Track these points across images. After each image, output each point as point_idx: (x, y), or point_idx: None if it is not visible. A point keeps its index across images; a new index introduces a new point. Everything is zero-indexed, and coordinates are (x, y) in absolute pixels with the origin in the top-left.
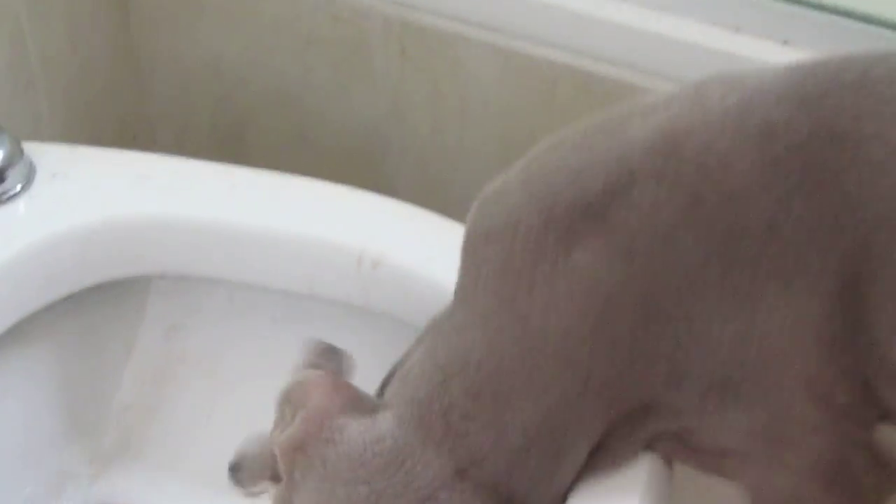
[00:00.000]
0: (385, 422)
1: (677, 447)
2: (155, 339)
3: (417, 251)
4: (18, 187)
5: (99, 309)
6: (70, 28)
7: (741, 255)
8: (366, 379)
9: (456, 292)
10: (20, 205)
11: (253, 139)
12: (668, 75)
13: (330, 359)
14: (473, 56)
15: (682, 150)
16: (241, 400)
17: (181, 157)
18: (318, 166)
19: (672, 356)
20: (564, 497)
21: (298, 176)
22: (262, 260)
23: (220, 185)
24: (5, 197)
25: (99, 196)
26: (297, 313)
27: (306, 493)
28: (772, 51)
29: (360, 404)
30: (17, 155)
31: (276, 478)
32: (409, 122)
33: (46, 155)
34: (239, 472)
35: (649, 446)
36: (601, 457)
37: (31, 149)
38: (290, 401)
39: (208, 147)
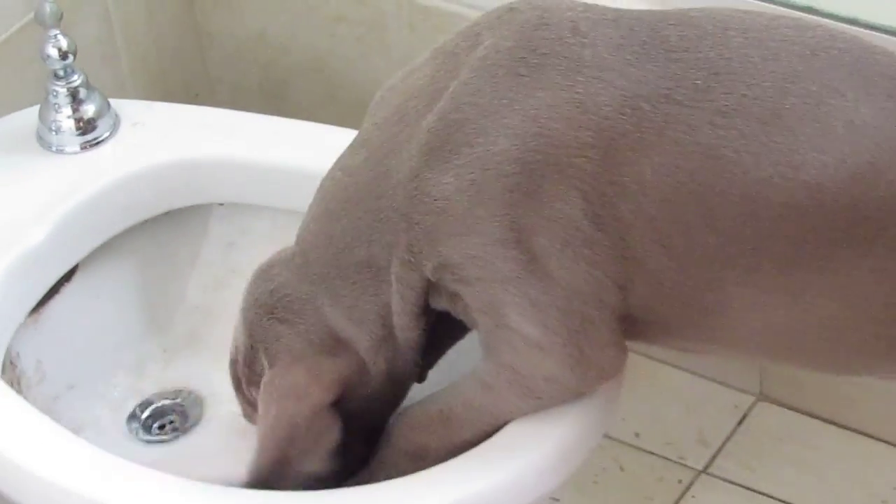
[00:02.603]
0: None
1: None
2: (214, 255)
3: None
4: (107, 134)
5: (170, 230)
6: (147, 10)
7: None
8: None
9: None
10: (108, 148)
11: (292, 97)
12: None
13: None
14: None
15: (513, 4)
16: None
17: (235, 110)
18: (343, 119)
19: None
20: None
21: (328, 126)
22: (299, 191)
23: (266, 132)
24: (96, 142)
25: (170, 141)
26: None
27: None
28: None
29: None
30: (105, 109)
31: None
32: None
33: (128, 109)
34: None
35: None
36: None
37: (116, 104)
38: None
39: (257, 103)
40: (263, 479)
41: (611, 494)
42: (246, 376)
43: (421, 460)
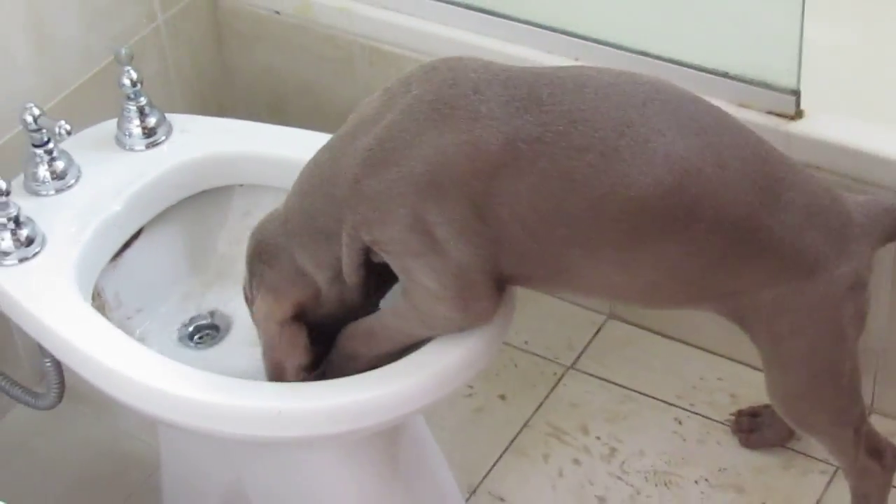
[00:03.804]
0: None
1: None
2: (236, 219)
3: None
4: (163, 138)
5: (206, 204)
6: (190, 53)
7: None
8: None
9: None
10: (164, 147)
11: (290, 112)
12: None
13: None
14: (410, 67)
15: (436, 64)
16: None
17: (250, 121)
18: (325, 126)
19: None
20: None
21: (314, 132)
22: (294, 176)
23: (272, 136)
24: (156, 143)
25: (206, 142)
26: None
27: None
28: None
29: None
30: (162, 120)
31: None
32: None
33: (178, 120)
34: None
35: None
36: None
37: (170, 117)
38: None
39: (265, 115)
40: (273, 379)
41: (508, 383)
42: (249, 298)
43: (354, 361)
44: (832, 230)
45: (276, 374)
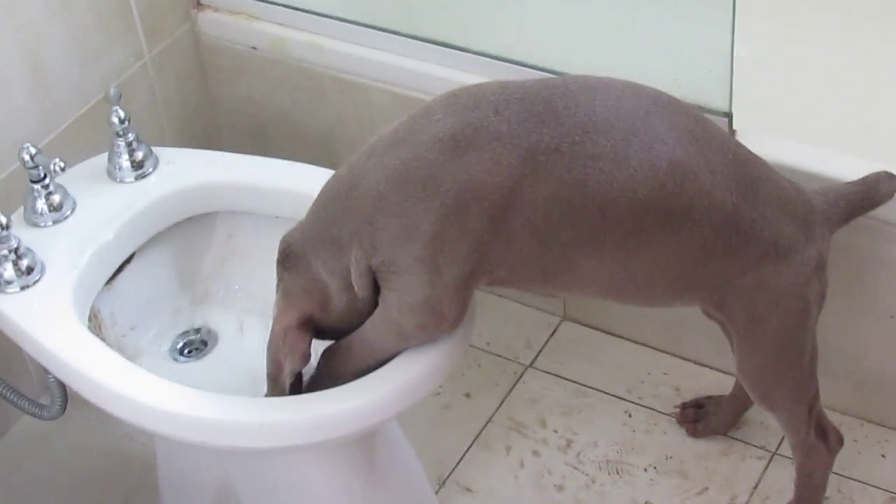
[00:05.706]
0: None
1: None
2: (220, 243)
3: None
4: (151, 170)
5: (192, 228)
6: (177, 88)
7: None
8: None
9: None
10: (152, 178)
11: (269, 137)
12: None
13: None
14: (377, 97)
15: (456, 92)
16: (265, 272)
17: (231, 153)
18: (299, 150)
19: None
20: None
21: (289, 161)
22: (272, 202)
23: (251, 166)
24: (144, 175)
25: (191, 173)
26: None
27: None
28: None
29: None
30: (149, 153)
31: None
32: (347, 129)
33: (165, 153)
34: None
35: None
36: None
37: (157, 150)
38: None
39: (246, 142)
40: (270, 373)
41: (473, 381)
42: None
43: (335, 380)
44: (800, 217)
45: (274, 370)
